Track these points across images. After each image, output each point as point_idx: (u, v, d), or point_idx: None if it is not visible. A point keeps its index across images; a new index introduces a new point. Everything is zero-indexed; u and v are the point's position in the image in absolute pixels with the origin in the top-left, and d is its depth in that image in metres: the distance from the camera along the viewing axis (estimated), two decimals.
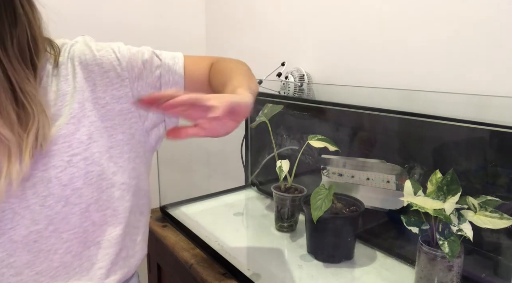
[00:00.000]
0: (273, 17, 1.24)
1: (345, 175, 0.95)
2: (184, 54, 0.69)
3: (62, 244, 0.57)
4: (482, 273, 0.72)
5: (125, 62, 0.62)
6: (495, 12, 0.72)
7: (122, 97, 0.61)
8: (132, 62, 0.62)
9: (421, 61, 0.85)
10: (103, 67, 0.60)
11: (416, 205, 0.66)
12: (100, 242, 0.60)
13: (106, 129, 0.60)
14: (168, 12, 1.49)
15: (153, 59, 0.65)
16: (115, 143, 0.61)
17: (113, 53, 0.61)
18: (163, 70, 0.65)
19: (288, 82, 1.10)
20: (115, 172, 0.61)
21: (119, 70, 0.61)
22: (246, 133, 1.29)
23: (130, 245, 0.65)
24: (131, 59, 0.62)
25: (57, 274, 0.57)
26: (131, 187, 0.63)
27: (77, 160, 0.56)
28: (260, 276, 0.80)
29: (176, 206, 1.15)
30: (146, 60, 0.64)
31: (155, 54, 0.66)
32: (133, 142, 0.63)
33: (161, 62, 0.65)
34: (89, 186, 0.57)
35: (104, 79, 0.60)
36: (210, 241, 0.93)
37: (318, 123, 1.04)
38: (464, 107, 0.76)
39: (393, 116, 0.83)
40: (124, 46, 0.64)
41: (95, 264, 0.60)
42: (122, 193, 0.62)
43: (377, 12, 0.93)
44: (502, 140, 0.68)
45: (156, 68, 0.65)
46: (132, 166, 0.63)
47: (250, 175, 1.31)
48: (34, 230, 0.54)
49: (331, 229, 0.84)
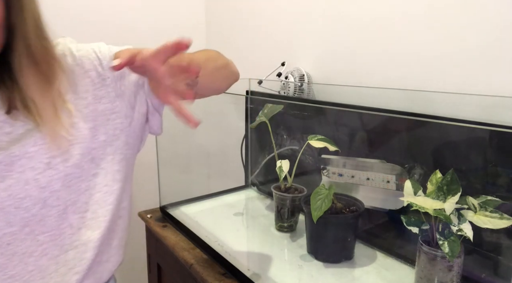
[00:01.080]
0: (273, 17, 1.24)
1: (345, 175, 0.95)
2: None
3: (37, 247, 0.55)
4: (482, 273, 0.72)
5: (106, 61, 0.60)
6: (495, 12, 0.72)
7: (104, 97, 0.60)
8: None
9: (421, 61, 0.85)
10: (84, 67, 0.59)
11: (416, 205, 0.66)
12: (78, 246, 0.59)
13: (88, 130, 0.58)
14: (168, 12, 1.49)
15: None
16: (97, 144, 0.59)
17: (93, 53, 0.60)
18: None
19: (288, 82, 1.10)
20: (96, 174, 0.59)
21: (100, 70, 0.60)
22: (246, 133, 1.29)
23: (105, 249, 0.63)
24: (112, 58, 0.60)
25: (32, 278, 0.55)
26: (114, 190, 0.62)
27: (56, 162, 0.54)
28: (260, 276, 0.80)
29: (176, 206, 1.15)
30: None
31: None
32: (118, 143, 0.62)
33: None
34: (67, 188, 0.56)
35: (85, 79, 0.59)
36: (210, 241, 0.93)
37: (318, 123, 1.04)
38: (464, 107, 0.76)
39: (393, 116, 0.83)
40: (105, 46, 0.62)
41: (72, 269, 0.58)
42: (104, 196, 0.60)
43: (377, 12, 0.93)
44: (502, 140, 0.68)
45: None
46: (116, 168, 0.62)
47: (250, 175, 1.31)
48: (8, 232, 0.52)
49: (331, 229, 0.84)
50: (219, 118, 1.38)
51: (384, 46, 0.92)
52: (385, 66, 0.92)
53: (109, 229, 0.63)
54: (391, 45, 0.90)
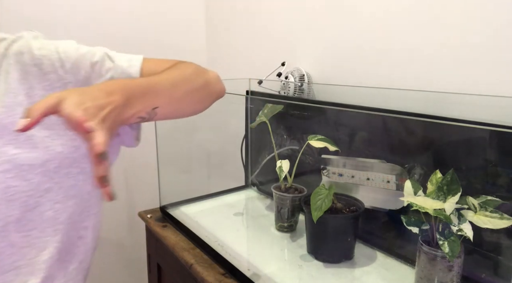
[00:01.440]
0: (273, 17, 1.24)
1: (345, 175, 0.95)
2: (145, 57, 0.62)
3: None
4: (482, 273, 0.71)
5: (70, 63, 0.55)
6: (495, 12, 0.72)
7: None
8: (79, 64, 0.55)
9: (421, 61, 0.85)
10: (42, 69, 0.54)
11: (416, 205, 0.66)
12: (20, 267, 0.52)
13: (42, 139, 0.52)
14: (167, 13, 1.49)
15: (105, 62, 0.58)
16: (53, 156, 0.53)
17: (56, 53, 0.55)
18: (116, 73, 0.58)
19: (288, 82, 1.10)
20: (49, 188, 0.53)
21: (61, 73, 0.54)
22: (246, 133, 1.29)
23: (58, 273, 0.57)
24: (78, 61, 0.55)
25: None
26: (68, 207, 0.56)
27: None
28: (260, 276, 0.80)
29: (176, 206, 1.15)
30: (95, 62, 0.57)
31: (107, 55, 0.59)
32: (77, 155, 0.56)
33: (114, 64, 0.58)
34: (8, 202, 0.50)
35: (43, 82, 0.53)
36: (210, 241, 0.93)
37: (318, 123, 1.04)
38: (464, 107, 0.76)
39: (393, 116, 0.83)
40: (72, 46, 0.57)
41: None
42: (55, 214, 0.55)
43: (377, 12, 0.93)
44: (502, 140, 0.68)
45: (107, 71, 0.57)
46: (72, 183, 0.56)
47: (250, 175, 1.31)
48: None
49: (331, 229, 0.83)
50: (219, 118, 1.38)
51: (385, 46, 0.92)
52: (386, 66, 0.92)
53: (63, 250, 0.57)
54: (392, 45, 0.90)
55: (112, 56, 0.59)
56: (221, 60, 1.54)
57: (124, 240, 1.54)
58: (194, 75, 0.62)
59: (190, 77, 0.61)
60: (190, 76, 0.61)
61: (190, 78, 0.61)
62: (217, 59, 1.56)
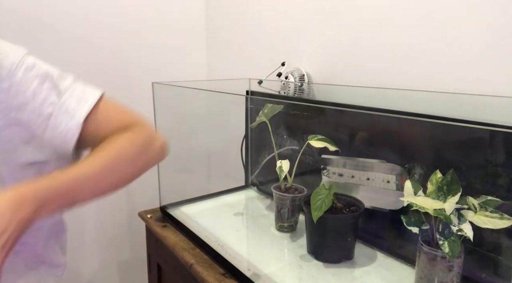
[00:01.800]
0: (273, 17, 1.24)
1: (345, 175, 0.95)
2: (107, 102, 0.58)
3: None
4: (482, 273, 0.71)
5: (9, 83, 0.50)
6: (495, 12, 0.72)
7: None
8: (20, 88, 0.51)
9: (421, 61, 0.85)
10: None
11: (416, 205, 0.66)
12: None
13: None
14: (168, 12, 1.49)
15: (50, 93, 0.54)
16: None
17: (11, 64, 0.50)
18: (57, 110, 0.54)
19: (288, 82, 1.10)
20: None
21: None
22: (246, 133, 1.29)
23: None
24: (22, 83, 0.51)
25: None
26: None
27: None
28: (260, 276, 0.80)
29: (176, 206, 1.15)
30: (39, 92, 0.52)
31: (56, 89, 0.54)
32: None
33: (59, 101, 0.54)
34: None
35: None
36: (210, 241, 0.93)
37: (318, 123, 1.04)
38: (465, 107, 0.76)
39: (393, 116, 0.83)
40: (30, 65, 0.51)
41: None
42: None
43: (377, 12, 0.93)
44: (502, 140, 0.68)
45: (49, 105, 0.53)
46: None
47: (250, 175, 1.31)
48: None
49: (331, 229, 0.83)
50: (219, 118, 1.38)
51: (385, 46, 0.92)
52: (386, 66, 0.92)
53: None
54: (392, 45, 0.90)
55: (63, 89, 0.55)
56: (221, 60, 1.54)
57: (124, 240, 1.54)
58: (136, 153, 0.58)
59: (128, 158, 0.57)
60: (129, 157, 0.57)
61: (128, 159, 0.57)
62: (217, 59, 1.56)
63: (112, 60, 1.38)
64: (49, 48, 1.24)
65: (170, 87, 1.13)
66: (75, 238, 1.42)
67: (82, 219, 1.42)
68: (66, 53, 1.27)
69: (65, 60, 1.27)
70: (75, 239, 1.42)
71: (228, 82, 1.46)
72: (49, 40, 1.24)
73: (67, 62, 1.28)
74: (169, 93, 1.16)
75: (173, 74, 1.51)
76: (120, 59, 1.39)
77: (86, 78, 0.61)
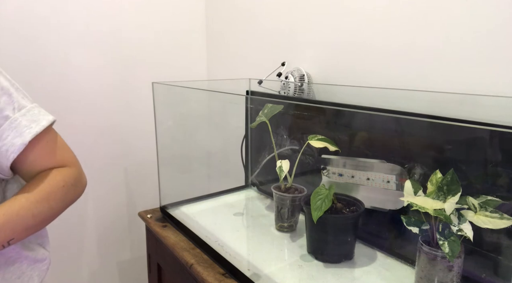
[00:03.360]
0: (273, 17, 1.24)
1: (345, 175, 0.95)
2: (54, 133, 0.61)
3: None
4: (482, 273, 0.71)
5: None
6: (495, 12, 0.72)
7: None
8: None
9: (421, 60, 0.85)
10: None
11: (416, 205, 0.66)
12: None
13: None
14: (168, 13, 1.49)
15: (6, 107, 0.55)
16: None
17: None
18: (8, 124, 0.55)
19: (288, 82, 1.10)
20: None
21: None
22: (246, 133, 1.29)
23: None
24: None
25: None
26: None
27: None
28: (260, 276, 0.80)
29: (176, 206, 1.15)
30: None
31: (13, 105, 0.56)
32: None
33: (12, 115, 0.55)
34: None
35: None
36: (210, 241, 0.93)
37: (318, 123, 1.04)
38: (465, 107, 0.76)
39: (393, 116, 0.83)
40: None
41: None
42: None
43: (377, 12, 0.93)
44: (502, 140, 0.68)
45: (1, 118, 0.55)
46: None
47: (250, 175, 1.31)
48: None
49: (331, 229, 0.83)
50: (219, 118, 1.38)
51: (385, 46, 0.92)
52: (386, 66, 0.92)
53: None
54: (392, 45, 0.90)
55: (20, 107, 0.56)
56: (221, 60, 1.54)
57: (124, 240, 1.54)
58: (65, 193, 0.61)
59: (59, 198, 0.60)
60: (59, 198, 0.60)
61: (58, 199, 0.59)
62: (217, 59, 1.56)
63: (112, 60, 1.38)
64: (49, 48, 1.24)
65: (170, 87, 1.13)
66: (75, 238, 1.42)
67: (82, 219, 1.43)
68: (66, 53, 1.27)
69: (65, 60, 1.27)
70: (75, 239, 1.42)
71: (228, 82, 1.46)
72: (49, 40, 1.24)
73: (67, 62, 1.28)
74: (169, 93, 1.16)
75: (173, 74, 1.51)
76: (121, 59, 1.40)
77: (87, 78, 0.61)
